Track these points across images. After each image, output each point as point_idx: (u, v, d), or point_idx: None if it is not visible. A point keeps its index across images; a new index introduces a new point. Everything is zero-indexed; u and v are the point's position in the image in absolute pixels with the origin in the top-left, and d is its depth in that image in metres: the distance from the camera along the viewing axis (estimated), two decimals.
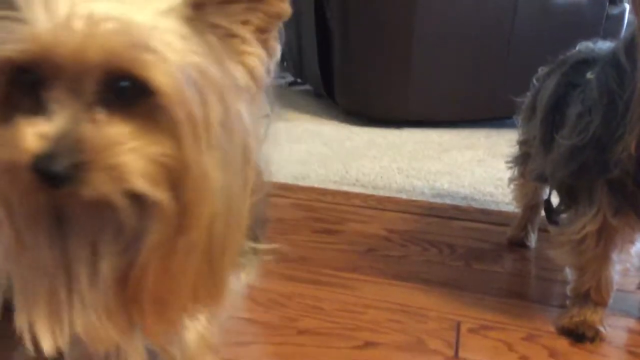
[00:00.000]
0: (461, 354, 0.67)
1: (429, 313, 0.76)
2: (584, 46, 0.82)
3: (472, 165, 1.47)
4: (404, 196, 1.22)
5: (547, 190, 0.84)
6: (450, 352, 0.67)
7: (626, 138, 0.60)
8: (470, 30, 1.83)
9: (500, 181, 1.32)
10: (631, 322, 0.76)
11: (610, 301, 0.73)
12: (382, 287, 0.82)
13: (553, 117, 0.76)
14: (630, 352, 0.70)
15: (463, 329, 0.72)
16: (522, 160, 0.92)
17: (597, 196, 0.67)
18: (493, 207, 1.17)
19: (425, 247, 0.97)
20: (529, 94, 0.91)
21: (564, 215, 0.76)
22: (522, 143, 0.92)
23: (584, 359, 0.67)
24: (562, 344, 0.70)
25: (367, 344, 0.68)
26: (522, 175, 0.94)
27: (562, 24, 1.80)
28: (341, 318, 0.73)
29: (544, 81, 0.86)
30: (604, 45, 0.77)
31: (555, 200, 0.78)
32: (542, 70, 0.89)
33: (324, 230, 1.03)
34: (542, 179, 0.80)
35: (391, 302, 0.78)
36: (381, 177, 1.33)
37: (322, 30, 2.01)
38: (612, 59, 0.65)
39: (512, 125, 0.97)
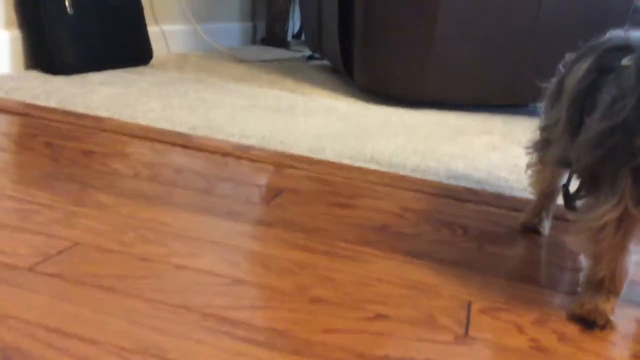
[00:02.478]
0: (471, 332, 0.67)
1: (441, 291, 0.76)
2: (615, 34, 0.81)
3: (488, 150, 1.46)
4: (418, 176, 1.21)
5: (566, 177, 0.84)
6: (461, 330, 0.67)
7: None
8: (494, 14, 1.80)
9: (515, 167, 1.31)
10: None
11: (623, 291, 0.73)
12: (394, 263, 0.83)
13: (583, 101, 0.75)
14: None
15: (474, 308, 0.72)
16: (542, 146, 0.92)
17: (621, 185, 0.66)
18: (507, 192, 1.17)
19: (438, 227, 0.97)
20: (554, 79, 0.90)
21: (580, 202, 0.75)
22: (543, 129, 0.91)
23: (594, 345, 0.67)
24: (572, 329, 0.70)
25: (378, 316, 0.68)
26: (540, 161, 0.93)
27: (588, 12, 1.77)
28: (353, 289, 0.74)
29: (571, 66, 0.85)
30: (638, 34, 0.75)
31: (573, 186, 0.78)
32: (569, 56, 0.88)
33: (338, 203, 1.03)
34: (564, 164, 0.79)
35: (403, 278, 0.78)
36: (396, 155, 1.32)
37: (343, 5, 1.99)
38: None
39: (529, 113, 0.97)
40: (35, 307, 0.62)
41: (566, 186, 0.80)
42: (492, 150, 1.46)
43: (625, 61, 0.68)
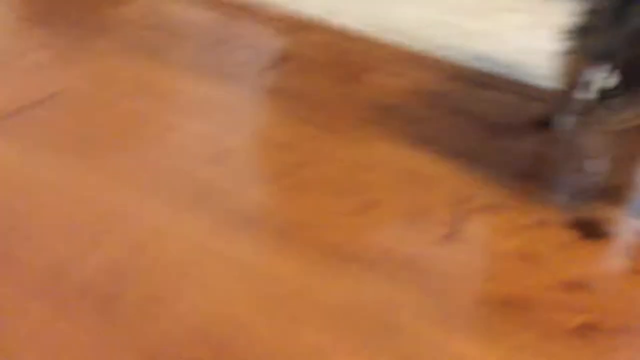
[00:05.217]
0: (461, 232, 0.65)
1: (439, 184, 0.73)
2: None
3: (518, 31, 1.36)
4: (440, 53, 1.14)
5: (602, 70, 0.76)
6: (450, 229, 0.65)
7: None
8: None
9: (544, 53, 1.22)
10: None
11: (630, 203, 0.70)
12: (395, 147, 0.79)
13: None
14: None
15: (469, 206, 0.69)
16: (581, 32, 0.83)
17: None
18: (530, 80, 1.10)
19: (449, 113, 0.92)
20: None
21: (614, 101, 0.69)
22: (584, 14, 0.82)
23: (590, 254, 0.65)
24: (570, 235, 0.68)
25: (368, 204, 0.66)
26: (576, 49, 0.85)
27: None
28: (348, 172, 0.71)
29: None
30: None
31: (610, 82, 0.71)
32: None
33: (349, 77, 0.97)
34: (604, 56, 0.72)
35: (402, 166, 0.75)
36: (420, 29, 1.24)
37: None
38: None
39: None
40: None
41: (604, 80, 0.73)
42: (522, 32, 1.36)
43: None
